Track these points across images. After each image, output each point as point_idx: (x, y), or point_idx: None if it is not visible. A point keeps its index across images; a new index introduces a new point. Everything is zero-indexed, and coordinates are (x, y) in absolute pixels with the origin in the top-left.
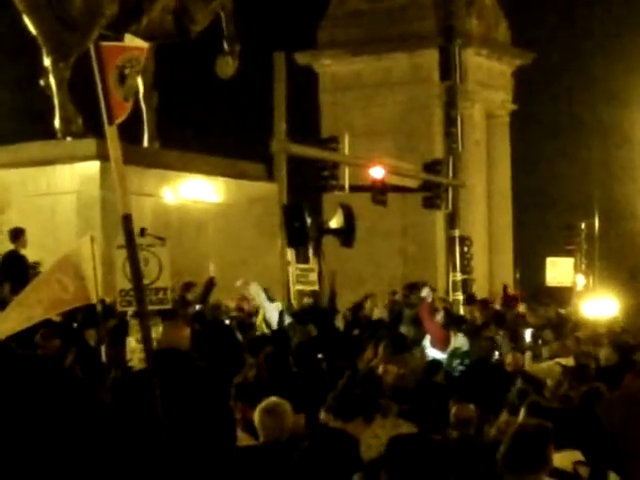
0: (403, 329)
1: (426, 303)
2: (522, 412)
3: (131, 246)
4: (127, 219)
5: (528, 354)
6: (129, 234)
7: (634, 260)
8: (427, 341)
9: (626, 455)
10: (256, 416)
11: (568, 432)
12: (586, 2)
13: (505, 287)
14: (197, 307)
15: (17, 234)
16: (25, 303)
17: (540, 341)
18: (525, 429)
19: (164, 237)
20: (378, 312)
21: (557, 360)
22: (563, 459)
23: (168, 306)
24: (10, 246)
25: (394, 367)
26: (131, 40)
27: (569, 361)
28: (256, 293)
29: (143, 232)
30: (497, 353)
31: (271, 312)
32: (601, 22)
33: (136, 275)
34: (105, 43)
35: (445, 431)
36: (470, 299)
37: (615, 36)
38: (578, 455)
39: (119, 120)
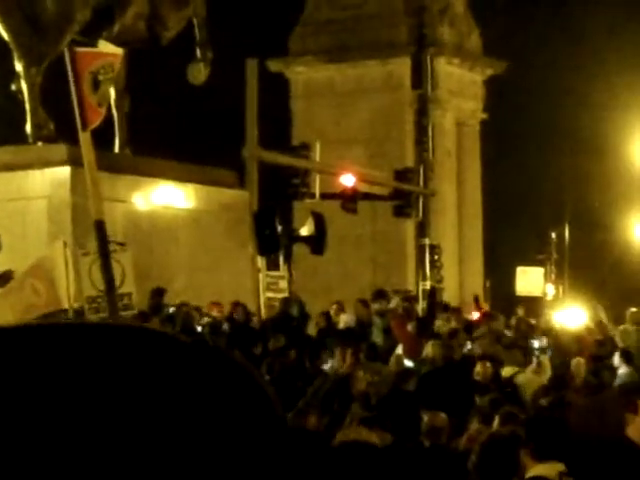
0: (373, 337)
1: (397, 313)
2: (496, 421)
3: (104, 251)
4: (100, 225)
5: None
6: (102, 240)
7: (604, 270)
8: (400, 350)
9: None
10: None
11: (544, 441)
12: (559, 12)
13: (476, 298)
14: (170, 310)
15: None
16: None
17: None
18: (495, 437)
19: (125, 242)
20: (345, 319)
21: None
22: (549, 469)
23: (134, 311)
24: None
25: (365, 374)
26: (105, 46)
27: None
28: None
29: None
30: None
31: None
32: (575, 31)
33: (108, 280)
34: (79, 49)
35: (417, 439)
36: (432, 306)
37: (589, 45)
38: (563, 466)
39: (93, 126)
